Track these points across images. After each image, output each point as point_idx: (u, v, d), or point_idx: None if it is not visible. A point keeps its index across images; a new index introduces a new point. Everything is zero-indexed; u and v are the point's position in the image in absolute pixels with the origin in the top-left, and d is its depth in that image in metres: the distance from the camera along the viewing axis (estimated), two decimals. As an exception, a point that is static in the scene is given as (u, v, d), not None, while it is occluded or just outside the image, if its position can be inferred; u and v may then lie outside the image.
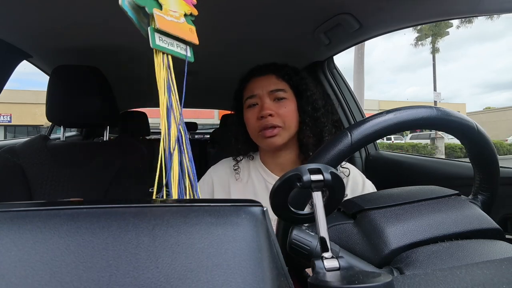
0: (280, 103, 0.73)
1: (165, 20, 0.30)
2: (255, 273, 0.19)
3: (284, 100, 0.73)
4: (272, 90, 0.73)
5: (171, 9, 0.31)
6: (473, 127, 0.38)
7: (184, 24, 0.33)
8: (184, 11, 0.33)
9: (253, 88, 0.75)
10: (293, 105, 0.74)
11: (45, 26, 0.95)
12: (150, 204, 0.22)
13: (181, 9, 0.33)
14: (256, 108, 0.74)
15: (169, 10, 0.31)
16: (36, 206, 0.20)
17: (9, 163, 0.87)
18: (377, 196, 0.40)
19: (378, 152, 1.31)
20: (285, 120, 0.72)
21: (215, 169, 0.82)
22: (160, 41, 0.30)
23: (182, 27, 0.32)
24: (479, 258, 0.31)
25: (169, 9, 0.31)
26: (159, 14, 0.30)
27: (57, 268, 0.17)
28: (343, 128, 0.63)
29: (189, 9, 0.34)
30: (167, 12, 0.31)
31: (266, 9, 0.89)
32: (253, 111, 0.74)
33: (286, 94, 0.74)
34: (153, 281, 0.17)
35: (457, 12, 0.82)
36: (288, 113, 0.72)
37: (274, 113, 0.71)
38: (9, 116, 17.13)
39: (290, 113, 0.73)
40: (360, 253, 0.35)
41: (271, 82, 0.74)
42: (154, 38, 0.30)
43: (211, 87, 1.76)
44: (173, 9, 0.32)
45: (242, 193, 0.77)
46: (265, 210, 0.22)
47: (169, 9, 0.31)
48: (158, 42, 0.30)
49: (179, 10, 0.32)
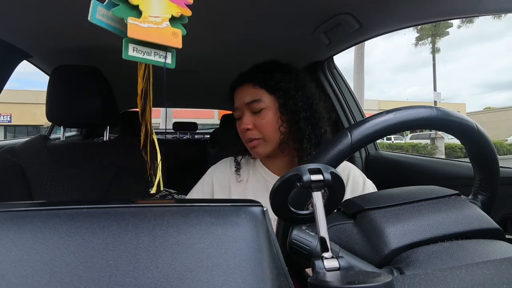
0: (258, 115, 0.71)
1: (139, 27, 0.30)
2: (255, 273, 0.19)
3: (262, 111, 0.71)
4: (248, 103, 0.72)
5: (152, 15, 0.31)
6: (473, 127, 0.38)
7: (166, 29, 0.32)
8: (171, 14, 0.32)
9: (236, 100, 0.76)
10: (272, 114, 0.71)
11: (45, 26, 0.95)
12: (150, 204, 0.22)
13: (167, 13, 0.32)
14: (240, 120, 0.74)
15: (149, 17, 0.31)
16: (36, 206, 0.20)
17: (9, 163, 0.87)
18: (377, 196, 0.40)
19: (378, 152, 1.31)
20: (263, 131, 0.71)
21: (215, 169, 0.82)
22: (134, 51, 0.30)
23: (163, 32, 0.31)
24: (479, 258, 0.31)
25: (148, 16, 0.31)
26: (132, 23, 0.30)
27: (57, 268, 0.17)
28: (342, 128, 0.62)
29: (179, 11, 0.33)
30: (145, 19, 0.30)
31: (266, 9, 0.89)
32: (238, 124, 0.75)
33: (263, 104, 0.71)
34: (153, 281, 0.17)
35: (457, 12, 0.82)
36: (266, 124, 0.71)
37: (252, 126, 0.71)
38: (9, 116, 17.13)
39: (268, 124, 0.71)
40: (360, 253, 0.35)
41: (248, 93, 0.73)
42: (128, 49, 0.30)
43: (211, 87, 1.76)
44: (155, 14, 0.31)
45: (242, 193, 0.77)
46: (265, 210, 0.22)
47: (149, 16, 0.31)
48: (131, 53, 0.30)
49: (163, 15, 0.32)
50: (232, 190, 0.78)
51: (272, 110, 0.72)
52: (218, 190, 0.78)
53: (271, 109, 0.72)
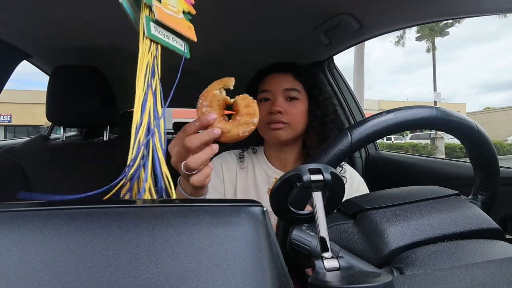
0: (291, 103, 0.76)
1: (164, 12, 0.30)
2: (255, 273, 0.19)
3: (296, 101, 0.76)
4: (287, 89, 0.76)
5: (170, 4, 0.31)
6: (473, 127, 0.38)
7: (183, 20, 0.32)
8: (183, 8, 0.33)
9: (269, 83, 0.78)
10: (304, 107, 0.76)
11: (45, 26, 0.95)
12: (150, 204, 0.22)
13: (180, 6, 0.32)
14: (267, 103, 0.77)
15: (168, 4, 0.31)
16: (36, 206, 0.20)
17: (9, 163, 0.87)
18: (377, 196, 0.40)
19: (378, 152, 1.31)
20: (292, 119, 0.74)
21: (220, 157, 0.84)
22: (156, 30, 0.29)
23: (181, 22, 0.32)
24: (479, 258, 0.31)
25: (168, 3, 0.31)
26: (158, 6, 0.29)
27: (57, 268, 0.17)
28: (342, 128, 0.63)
29: (188, 8, 0.33)
30: (166, 5, 0.30)
31: (266, 9, 0.89)
32: (264, 105, 0.77)
33: (299, 95, 0.76)
34: (153, 281, 0.17)
35: (457, 12, 0.82)
36: (297, 114, 0.75)
37: (284, 111, 0.74)
38: (9, 116, 17.13)
39: (299, 114, 0.75)
40: (360, 253, 0.35)
41: (288, 81, 0.77)
42: (150, 27, 0.29)
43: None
44: (172, 4, 0.31)
45: (245, 181, 0.80)
46: (265, 210, 0.22)
47: (168, 3, 0.31)
48: (153, 32, 0.29)
49: (177, 6, 0.32)
50: (237, 177, 0.81)
51: (304, 104, 0.77)
52: (226, 174, 0.81)
53: (304, 103, 0.77)
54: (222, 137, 0.40)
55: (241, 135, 0.41)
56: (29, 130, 16.95)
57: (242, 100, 0.43)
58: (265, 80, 0.80)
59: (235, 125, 0.41)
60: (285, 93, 0.76)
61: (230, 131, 0.40)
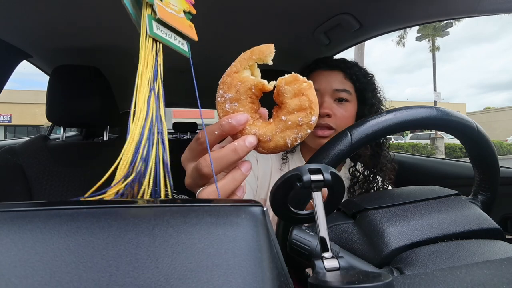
0: (341, 105, 0.68)
1: (166, 11, 0.29)
2: (255, 273, 0.19)
3: (346, 103, 0.69)
4: (337, 89, 0.68)
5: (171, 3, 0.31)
6: (473, 127, 0.38)
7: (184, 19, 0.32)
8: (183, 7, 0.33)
9: (317, 81, 0.70)
10: (353, 110, 0.69)
11: (45, 26, 0.95)
12: (150, 204, 0.22)
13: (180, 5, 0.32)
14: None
15: (170, 3, 0.31)
16: (36, 206, 0.20)
17: (9, 163, 0.87)
18: (377, 196, 0.40)
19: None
20: (340, 123, 0.67)
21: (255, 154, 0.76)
22: (158, 29, 0.28)
23: (182, 21, 0.32)
24: (479, 258, 0.31)
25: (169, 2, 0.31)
26: (160, 4, 0.29)
27: (57, 268, 0.17)
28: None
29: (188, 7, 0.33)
30: (167, 4, 0.30)
31: (266, 9, 0.89)
32: None
33: (350, 96, 0.69)
34: (153, 281, 0.17)
35: (457, 12, 0.82)
36: (346, 118, 0.68)
37: (332, 114, 0.67)
38: (9, 116, 17.13)
39: (349, 118, 0.68)
40: (360, 253, 0.35)
41: (338, 80, 0.69)
42: (152, 26, 0.28)
43: (211, 87, 1.76)
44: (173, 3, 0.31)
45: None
46: (265, 210, 0.22)
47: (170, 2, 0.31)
48: (155, 31, 0.28)
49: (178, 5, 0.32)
50: (272, 176, 0.73)
51: (354, 107, 0.69)
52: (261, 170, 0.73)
53: (354, 106, 0.69)
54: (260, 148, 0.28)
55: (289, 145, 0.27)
56: (29, 130, 16.95)
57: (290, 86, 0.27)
58: (313, 76, 0.71)
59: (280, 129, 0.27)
60: (334, 94, 0.68)
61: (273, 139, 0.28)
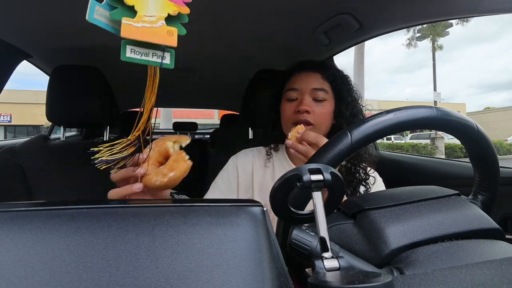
0: (319, 103, 0.75)
1: (132, 27, 0.30)
2: (255, 273, 0.19)
3: (323, 101, 0.75)
4: (315, 88, 0.75)
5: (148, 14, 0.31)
6: (473, 127, 0.38)
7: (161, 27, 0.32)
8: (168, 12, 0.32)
9: (297, 82, 0.77)
10: (330, 107, 0.75)
11: (45, 26, 0.95)
12: (150, 204, 0.22)
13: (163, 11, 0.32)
14: (294, 102, 0.76)
15: (143, 16, 0.31)
16: (36, 206, 0.20)
17: (9, 163, 0.87)
18: (377, 196, 0.40)
19: (378, 152, 1.31)
20: (319, 119, 0.74)
21: (237, 157, 0.83)
22: (132, 52, 0.31)
23: (157, 31, 0.31)
24: (479, 258, 0.31)
25: (143, 15, 0.31)
26: (126, 23, 0.30)
27: (57, 268, 0.17)
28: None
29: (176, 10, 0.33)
30: (139, 18, 0.31)
31: (266, 8, 0.89)
32: (291, 105, 0.76)
33: (327, 95, 0.75)
34: (153, 281, 0.17)
35: (457, 12, 0.82)
36: (324, 115, 0.74)
37: (311, 111, 0.73)
38: (9, 116, 17.13)
39: (326, 115, 0.74)
40: (360, 253, 0.35)
41: (316, 80, 0.76)
42: (125, 50, 0.31)
43: (211, 87, 1.76)
44: (150, 13, 0.31)
45: (263, 179, 0.79)
46: (265, 210, 0.22)
47: (144, 15, 0.31)
48: (129, 55, 0.31)
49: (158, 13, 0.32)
50: (254, 175, 0.79)
51: (331, 105, 0.76)
52: (242, 174, 0.80)
53: (331, 104, 0.76)
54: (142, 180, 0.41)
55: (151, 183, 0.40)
56: (29, 130, 16.95)
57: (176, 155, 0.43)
58: (293, 78, 0.78)
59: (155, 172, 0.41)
60: (312, 93, 0.75)
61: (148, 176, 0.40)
